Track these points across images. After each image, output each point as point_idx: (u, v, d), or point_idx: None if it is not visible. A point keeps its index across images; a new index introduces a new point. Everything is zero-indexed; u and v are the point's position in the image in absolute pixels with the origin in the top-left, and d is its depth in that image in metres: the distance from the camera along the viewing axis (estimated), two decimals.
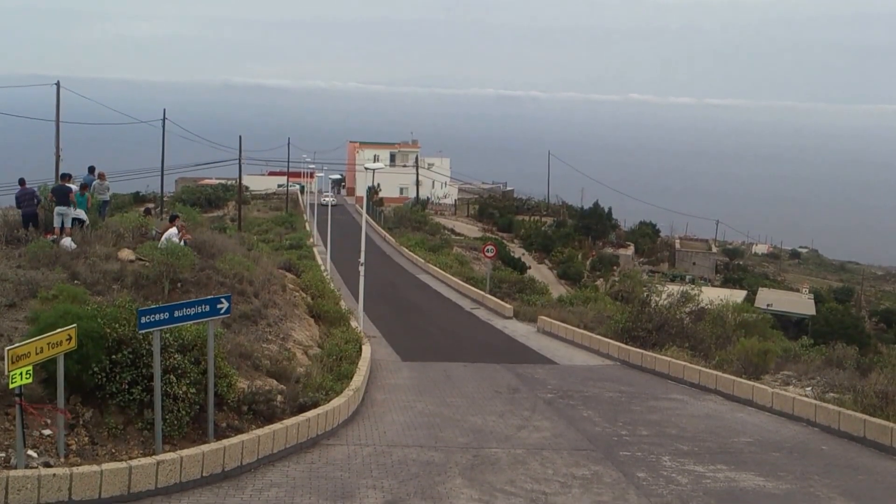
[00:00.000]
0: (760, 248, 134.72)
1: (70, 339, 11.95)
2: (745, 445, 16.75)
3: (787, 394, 19.91)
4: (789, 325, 61.19)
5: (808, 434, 17.82)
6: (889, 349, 36.25)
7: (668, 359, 24.39)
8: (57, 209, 21.70)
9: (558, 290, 61.24)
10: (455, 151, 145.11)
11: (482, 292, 42.74)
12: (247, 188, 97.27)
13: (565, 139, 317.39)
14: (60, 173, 25.26)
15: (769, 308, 60.54)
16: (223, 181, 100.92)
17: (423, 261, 56.96)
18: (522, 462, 14.75)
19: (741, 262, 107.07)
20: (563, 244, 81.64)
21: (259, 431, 13.67)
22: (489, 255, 47.49)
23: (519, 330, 34.42)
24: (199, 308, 13.55)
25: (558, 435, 16.93)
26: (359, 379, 18.78)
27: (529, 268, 67.43)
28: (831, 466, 15.39)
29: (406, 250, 62.98)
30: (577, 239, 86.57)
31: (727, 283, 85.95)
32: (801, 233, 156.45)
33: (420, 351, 28.40)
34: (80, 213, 23.09)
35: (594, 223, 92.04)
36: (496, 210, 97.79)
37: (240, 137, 71.58)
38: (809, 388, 21.39)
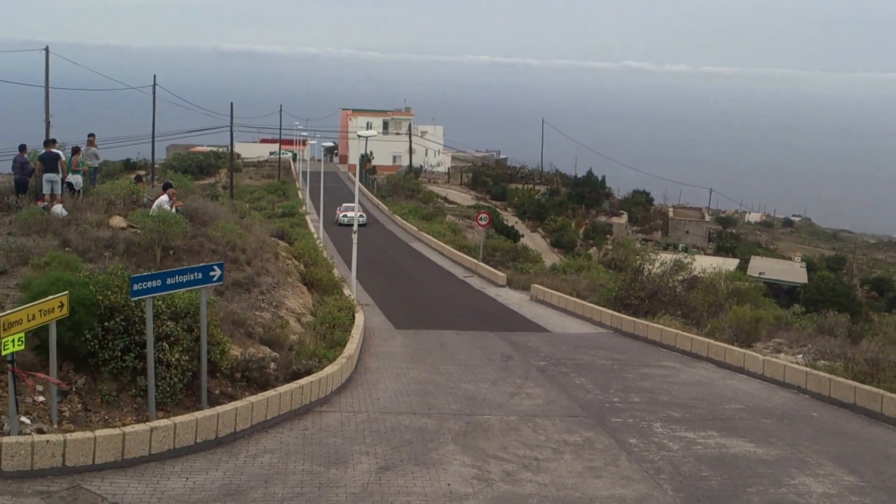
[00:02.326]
0: (753, 217, 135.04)
1: (62, 306, 11.91)
2: (736, 412, 16.86)
3: (779, 361, 20.03)
4: (781, 293, 61.42)
5: (798, 401, 17.95)
6: (880, 317, 36.34)
7: (661, 327, 24.48)
8: (45, 176, 21.57)
9: (551, 258, 61.30)
10: (449, 119, 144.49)
11: (475, 261, 42.75)
12: (238, 156, 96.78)
13: (560, 107, 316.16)
14: (45, 139, 25.09)
15: (761, 276, 60.71)
16: (214, 148, 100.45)
17: (416, 229, 56.92)
18: (515, 429, 14.82)
19: (734, 231, 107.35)
20: (557, 213, 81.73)
21: (252, 398, 13.70)
22: (482, 223, 47.42)
23: (512, 298, 34.47)
24: (192, 275, 13.52)
25: (551, 402, 17.01)
26: (352, 346, 18.81)
27: (523, 236, 67.46)
28: (821, 433, 15.52)
29: (399, 218, 62.91)
30: (570, 207, 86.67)
31: (720, 251, 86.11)
32: (795, 201, 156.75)
33: (413, 319, 28.44)
34: (74, 179, 23.01)
35: (588, 192, 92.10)
36: (490, 178, 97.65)
37: (231, 104, 71.15)
38: (800, 356, 21.50)
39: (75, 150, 23.96)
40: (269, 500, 10.87)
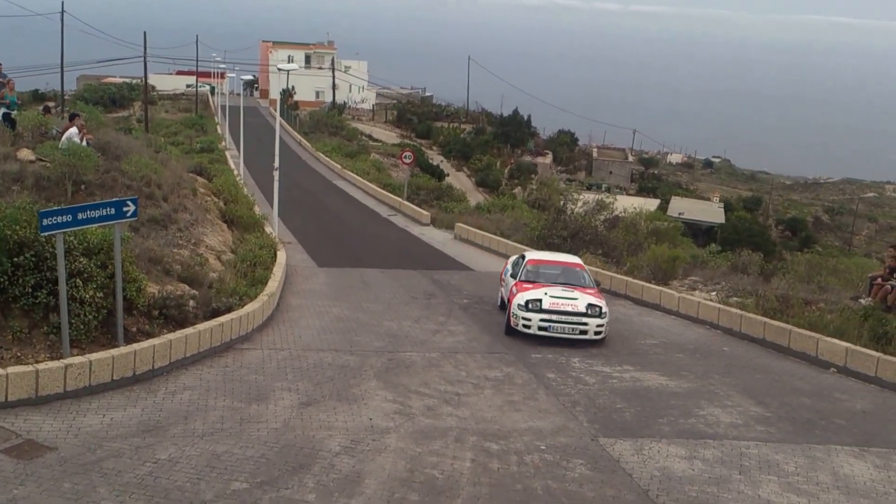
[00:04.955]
0: (675, 158, 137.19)
1: None
2: (651, 347, 17.34)
3: (693, 298, 20.60)
4: (699, 232, 62.94)
5: (711, 336, 18.54)
6: (792, 256, 37.60)
7: None
8: None
9: (476, 197, 61.49)
10: (373, 55, 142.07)
11: (399, 199, 42.63)
12: (153, 88, 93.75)
13: (487, 44, 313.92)
14: None
15: (681, 216, 62.02)
16: (128, 80, 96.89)
17: (339, 167, 56.33)
18: (437, 365, 14.98)
19: (656, 172, 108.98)
20: (482, 152, 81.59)
21: (171, 336, 13.50)
22: (407, 161, 47.20)
23: (436, 237, 34.56)
24: (105, 210, 13.13)
25: (472, 339, 17.22)
26: (273, 284, 18.65)
27: (447, 175, 67.32)
28: (731, 366, 16.08)
29: (322, 156, 62.11)
30: (495, 147, 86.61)
31: (642, 191, 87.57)
32: (715, 143, 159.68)
33: (336, 257, 28.31)
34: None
35: (513, 131, 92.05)
36: (415, 116, 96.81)
37: (144, 34, 68.54)
38: (714, 293, 22.14)
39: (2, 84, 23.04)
40: (190, 435, 10.80)
